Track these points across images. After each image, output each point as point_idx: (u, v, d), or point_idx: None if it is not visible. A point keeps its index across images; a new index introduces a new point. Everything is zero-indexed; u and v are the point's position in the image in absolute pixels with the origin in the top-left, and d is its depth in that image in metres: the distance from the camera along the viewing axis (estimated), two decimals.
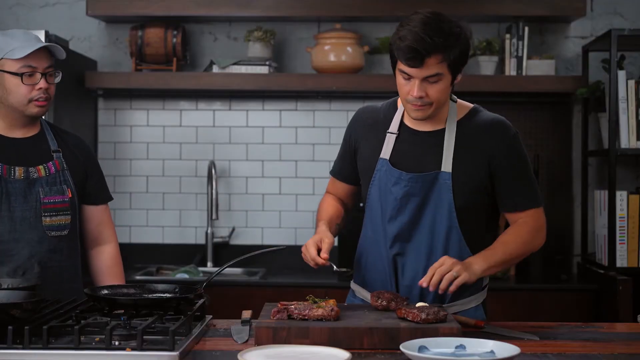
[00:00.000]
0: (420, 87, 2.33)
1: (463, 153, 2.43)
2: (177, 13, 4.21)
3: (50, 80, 2.58)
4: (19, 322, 1.97)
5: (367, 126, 2.56)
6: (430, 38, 2.29)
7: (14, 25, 4.39)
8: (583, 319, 3.61)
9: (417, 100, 2.35)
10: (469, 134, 2.46)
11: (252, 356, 1.83)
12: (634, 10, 4.36)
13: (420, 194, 2.43)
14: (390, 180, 2.45)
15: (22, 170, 2.57)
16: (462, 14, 4.16)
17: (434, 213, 2.43)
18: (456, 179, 2.42)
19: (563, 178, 4.36)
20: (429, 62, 2.30)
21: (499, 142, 2.45)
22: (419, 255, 2.46)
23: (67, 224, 2.62)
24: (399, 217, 2.45)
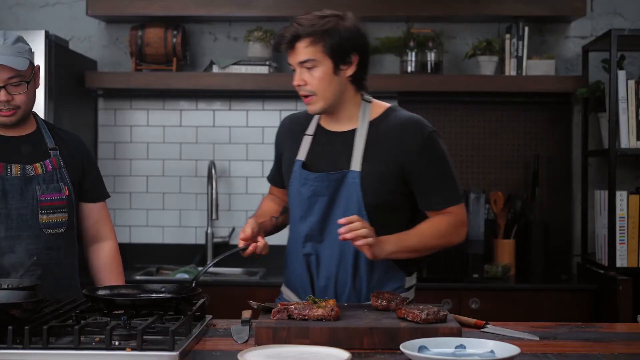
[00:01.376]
0: (299, 74, 2.44)
1: (374, 152, 2.45)
2: (177, 13, 4.21)
3: (14, 91, 2.54)
4: (19, 322, 1.97)
5: (290, 132, 2.63)
6: (298, 23, 2.40)
7: (14, 26, 4.39)
8: (583, 319, 3.61)
9: (300, 89, 2.45)
10: (381, 134, 2.47)
11: (252, 356, 1.83)
12: (634, 10, 4.36)
13: (327, 193, 2.46)
14: (300, 181, 2.50)
15: (18, 167, 2.58)
16: (462, 14, 4.17)
17: (343, 212, 2.43)
18: (365, 178, 2.43)
19: (563, 178, 4.36)
20: (299, 46, 2.41)
21: (412, 142, 2.45)
22: (332, 255, 2.48)
23: (64, 222, 2.62)
24: (309, 217, 2.48)
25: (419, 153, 2.45)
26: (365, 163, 2.45)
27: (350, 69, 2.45)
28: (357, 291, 2.50)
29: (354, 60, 2.44)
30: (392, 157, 2.45)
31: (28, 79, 2.57)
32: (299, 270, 2.53)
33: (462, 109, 4.40)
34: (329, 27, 2.39)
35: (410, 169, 2.45)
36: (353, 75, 2.46)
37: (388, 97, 4.38)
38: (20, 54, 2.54)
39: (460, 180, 4.37)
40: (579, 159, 4.32)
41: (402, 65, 4.26)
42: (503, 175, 4.39)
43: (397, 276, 2.53)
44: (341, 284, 2.49)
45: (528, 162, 4.36)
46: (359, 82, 2.50)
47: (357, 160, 2.45)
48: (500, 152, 4.39)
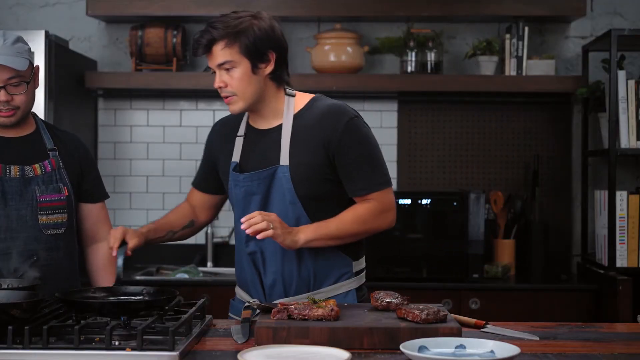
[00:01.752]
0: (219, 77, 2.45)
1: (299, 144, 2.47)
2: (177, 13, 4.21)
3: (14, 91, 2.55)
4: (19, 322, 1.97)
5: (222, 136, 2.64)
6: (213, 27, 2.42)
7: (14, 26, 4.39)
8: (583, 319, 3.61)
9: (221, 90, 2.46)
10: (305, 125, 2.49)
11: (252, 356, 1.83)
12: (634, 10, 4.36)
13: (260, 191, 2.49)
14: (233, 182, 2.54)
15: (17, 168, 2.58)
16: (462, 14, 4.17)
17: (279, 207, 2.46)
18: (294, 170, 2.45)
19: (563, 178, 4.37)
20: (215, 49, 2.42)
21: (334, 128, 2.46)
22: (275, 250, 2.49)
23: (63, 222, 2.63)
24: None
25: (340, 139, 2.45)
26: (293, 156, 2.47)
27: (269, 67, 2.47)
28: (304, 281, 2.50)
29: (272, 57, 2.47)
30: (317, 146, 2.46)
31: (28, 79, 2.57)
32: (247, 269, 2.55)
33: (462, 109, 4.40)
34: (242, 27, 2.42)
35: (334, 156, 2.47)
36: (272, 73, 2.49)
37: (388, 97, 4.39)
38: (20, 54, 2.54)
39: (461, 180, 4.37)
40: (579, 159, 4.32)
41: (402, 65, 4.26)
42: (503, 175, 4.39)
43: (343, 262, 2.54)
44: (288, 276, 2.50)
45: (528, 162, 4.36)
46: (279, 78, 2.52)
47: (285, 155, 2.47)
48: (500, 152, 4.39)
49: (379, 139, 4.57)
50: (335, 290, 2.53)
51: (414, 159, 4.40)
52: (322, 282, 2.52)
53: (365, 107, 4.39)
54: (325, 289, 2.52)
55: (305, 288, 2.51)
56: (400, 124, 4.41)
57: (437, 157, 4.39)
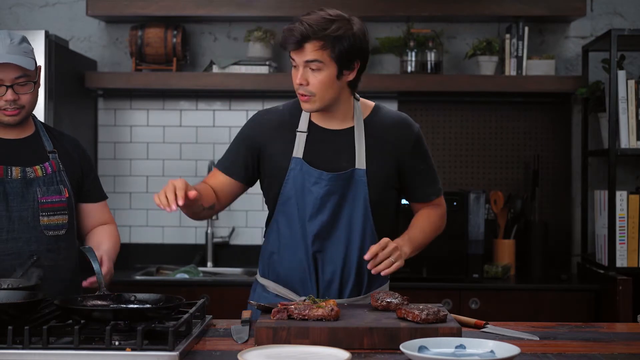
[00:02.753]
0: (303, 74, 2.43)
1: (373, 150, 2.52)
2: (177, 13, 4.21)
3: (21, 90, 2.56)
4: (18, 322, 1.97)
5: (273, 128, 2.58)
6: (309, 24, 2.38)
7: (14, 26, 4.39)
8: (583, 319, 3.61)
9: (299, 87, 2.44)
10: (376, 132, 2.54)
11: (252, 356, 1.83)
12: (634, 10, 4.36)
13: (339, 192, 2.49)
14: (308, 179, 2.50)
15: (19, 170, 2.58)
16: (462, 13, 4.17)
17: (351, 209, 2.51)
18: (370, 175, 2.50)
19: (563, 178, 4.36)
20: (307, 47, 2.39)
21: (406, 139, 2.56)
22: (338, 251, 2.52)
23: (64, 224, 2.63)
24: (319, 216, 2.50)
25: (412, 149, 2.56)
26: (369, 161, 2.50)
27: (351, 75, 2.48)
28: (359, 285, 2.56)
29: (356, 66, 2.47)
30: (390, 154, 2.53)
31: (34, 79, 2.60)
32: (301, 266, 2.54)
33: (462, 109, 4.40)
34: (340, 33, 2.39)
35: (405, 165, 2.56)
36: (352, 80, 2.50)
37: (388, 97, 4.39)
38: (26, 54, 2.57)
39: (461, 180, 4.38)
40: (579, 159, 4.32)
41: (402, 65, 4.26)
42: (503, 175, 4.39)
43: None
44: (346, 277, 2.54)
45: (528, 162, 4.36)
46: (355, 85, 2.54)
47: (362, 158, 2.50)
48: (500, 152, 4.39)
49: None
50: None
51: None
52: (371, 286, 2.57)
53: None
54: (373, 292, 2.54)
55: (357, 290, 2.55)
56: None
57: (437, 157, 4.39)
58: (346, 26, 2.42)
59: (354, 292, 2.55)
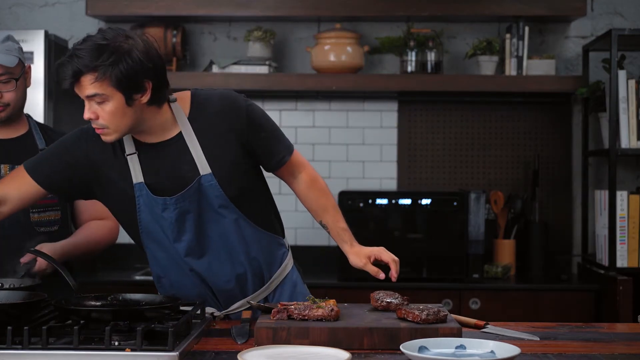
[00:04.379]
0: (90, 108, 2.24)
1: (210, 146, 2.35)
2: (177, 13, 4.21)
3: (3, 88, 2.58)
4: (18, 323, 1.96)
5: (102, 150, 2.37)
6: (78, 56, 2.20)
7: (13, 25, 4.39)
8: (583, 319, 3.61)
9: (93, 122, 2.25)
10: (205, 124, 2.35)
11: (252, 356, 1.83)
12: (634, 10, 4.36)
13: (193, 206, 2.34)
14: (157, 207, 2.32)
15: (7, 167, 2.61)
16: (462, 13, 4.17)
17: (213, 217, 2.36)
18: (218, 174, 2.33)
19: (563, 178, 4.36)
20: (83, 81, 2.21)
21: (237, 118, 2.37)
22: (221, 259, 2.39)
23: (56, 220, 2.64)
24: (184, 237, 2.35)
25: (248, 124, 2.37)
26: (211, 161, 2.34)
27: (145, 96, 2.24)
28: (258, 276, 2.44)
29: (148, 86, 2.25)
30: (229, 140, 2.36)
31: (17, 76, 2.61)
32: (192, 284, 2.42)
33: (462, 109, 4.40)
34: (113, 60, 2.17)
35: (248, 143, 2.38)
36: (150, 100, 2.27)
37: (388, 97, 4.39)
38: (9, 52, 2.58)
39: (461, 180, 4.37)
40: (579, 159, 4.32)
41: (402, 65, 4.25)
42: (503, 175, 4.39)
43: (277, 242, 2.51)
44: (242, 278, 2.42)
45: (528, 162, 4.36)
46: (159, 100, 2.31)
47: (203, 163, 2.32)
48: (500, 152, 4.39)
49: (379, 139, 4.59)
50: (284, 272, 2.50)
51: (414, 159, 4.40)
52: (272, 269, 2.46)
53: (365, 107, 4.39)
54: (276, 274, 2.47)
55: (260, 283, 2.44)
56: (400, 124, 4.40)
57: (437, 157, 4.39)
58: (120, 50, 2.18)
59: (258, 285, 2.44)
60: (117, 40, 2.21)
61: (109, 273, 4.12)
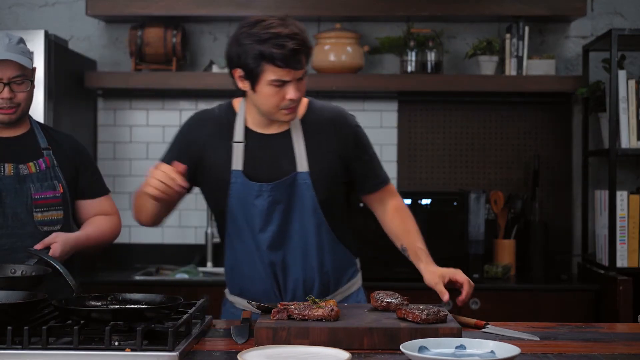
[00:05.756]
0: (296, 87, 2.36)
1: (314, 149, 2.46)
2: (177, 13, 4.21)
3: (17, 89, 2.60)
4: (18, 322, 1.96)
5: (212, 134, 2.50)
6: (300, 36, 2.36)
7: (13, 26, 4.39)
8: (583, 319, 3.61)
9: (293, 102, 2.36)
10: (314, 129, 2.49)
11: (252, 356, 1.83)
12: (634, 10, 4.36)
13: (284, 199, 2.43)
14: (250, 193, 2.43)
15: (11, 166, 2.61)
16: (462, 13, 4.17)
17: (300, 214, 2.46)
18: (314, 176, 2.44)
19: (563, 178, 4.36)
20: (302, 61, 2.37)
21: (345, 133, 2.52)
22: (295, 257, 2.48)
23: (59, 219, 2.65)
24: (269, 227, 2.45)
25: (354, 143, 2.53)
26: (310, 161, 2.45)
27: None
28: (324, 285, 2.52)
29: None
30: (332, 150, 2.48)
31: (30, 78, 2.63)
32: (261, 278, 2.49)
33: (462, 109, 4.40)
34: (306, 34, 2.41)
35: (348, 159, 2.52)
36: None
37: (388, 97, 4.39)
38: (24, 54, 2.61)
39: (461, 180, 4.38)
40: (579, 159, 4.32)
41: (402, 65, 4.25)
42: (503, 175, 4.39)
43: (350, 260, 2.61)
44: (309, 283, 2.50)
45: (528, 162, 4.36)
46: None
47: (303, 161, 2.45)
48: (500, 152, 4.39)
49: (379, 139, 4.59)
50: (349, 290, 2.58)
51: (414, 159, 4.40)
52: (339, 284, 2.55)
53: (365, 107, 4.39)
54: (342, 289, 2.56)
55: (324, 292, 2.52)
56: (400, 124, 4.40)
57: (437, 157, 4.39)
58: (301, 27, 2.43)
59: (321, 294, 2.51)
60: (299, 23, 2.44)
61: (109, 273, 4.13)
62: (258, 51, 2.33)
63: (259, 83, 2.35)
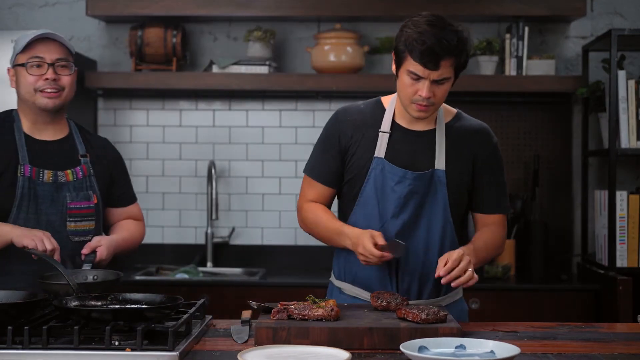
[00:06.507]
0: (430, 88, 2.40)
1: (452, 153, 2.53)
2: (177, 13, 4.21)
3: (61, 72, 2.62)
4: (18, 322, 1.97)
5: (356, 126, 2.57)
6: (448, 42, 2.38)
7: (13, 26, 4.39)
8: (583, 319, 3.61)
9: (424, 100, 2.41)
10: (456, 136, 2.55)
11: (252, 356, 1.83)
12: (634, 10, 4.36)
13: (421, 191, 2.49)
14: (391, 178, 2.49)
15: (50, 173, 2.60)
16: (462, 14, 4.17)
17: (431, 210, 2.51)
18: (448, 176, 2.51)
19: (563, 178, 4.36)
20: (443, 64, 2.38)
21: (484, 147, 2.58)
22: (417, 253, 2.51)
23: (91, 230, 2.65)
24: (401, 216, 2.49)
25: (487, 158, 2.58)
26: (448, 162, 2.51)
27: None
28: (437, 286, 2.52)
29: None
30: (467, 158, 2.54)
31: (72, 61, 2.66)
32: (381, 268, 2.51)
33: (462, 109, 4.37)
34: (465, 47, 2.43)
35: (478, 172, 2.56)
36: None
37: None
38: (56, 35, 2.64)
39: None
40: (579, 159, 4.32)
41: None
42: None
43: None
44: (424, 279, 2.52)
45: (528, 162, 4.36)
46: None
47: (442, 160, 2.51)
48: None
49: None
50: (456, 295, 2.60)
51: None
52: (449, 287, 2.50)
53: None
54: (451, 293, 2.56)
55: (436, 292, 2.53)
56: None
57: None
58: (468, 38, 2.46)
59: (433, 293, 2.53)
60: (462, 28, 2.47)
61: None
62: (407, 39, 2.42)
63: (401, 69, 2.44)
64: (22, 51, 2.61)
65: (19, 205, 2.56)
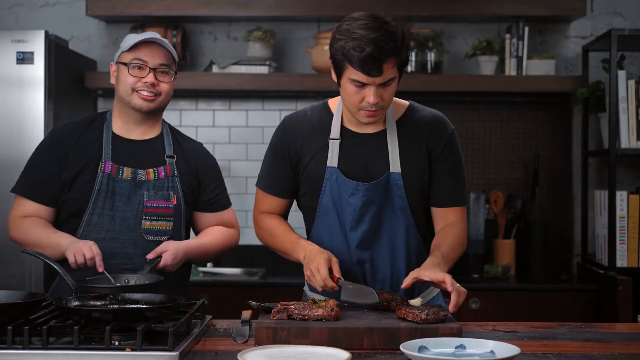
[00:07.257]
0: (377, 93, 2.31)
1: (407, 151, 2.45)
2: (177, 13, 4.21)
3: (161, 78, 2.62)
4: (18, 322, 1.97)
5: (305, 134, 2.49)
6: (387, 43, 2.26)
7: (13, 26, 4.39)
8: (583, 319, 3.61)
9: (373, 105, 2.32)
10: (409, 132, 2.47)
11: (252, 356, 1.83)
12: (634, 10, 4.36)
13: (377, 199, 2.43)
14: (345, 190, 2.43)
15: (130, 171, 2.60)
16: (462, 14, 4.18)
17: (391, 215, 2.45)
18: (405, 178, 2.43)
19: (563, 178, 4.36)
20: (386, 67, 2.28)
21: (438, 137, 2.47)
22: (384, 257, 2.48)
23: (167, 230, 2.62)
24: (360, 227, 2.45)
25: (442, 149, 2.47)
26: (403, 163, 2.44)
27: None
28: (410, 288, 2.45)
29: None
30: (422, 153, 2.46)
31: (175, 71, 2.65)
32: (350, 277, 2.46)
33: (462, 109, 4.40)
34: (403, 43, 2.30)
35: (433, 164, 2.47)
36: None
37: None
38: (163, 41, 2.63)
39: None
40: (579, 159, 4.32)
41: None
42: (503, 175, 4.39)
43: None
44: (395, 283, 2.49)
45: (528, 162, 4.36)
46: None
47: (396, 162, 2.44)
48: (500, 152, 4.39)
49: None
50: (432, 293, 2.57)
51: None
52: (423, 286, 2.50)
53: None
54: (426, 292, 2.54)
55: (410, 293, 2.49)
56: None
57: None
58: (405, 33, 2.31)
59: (407, 296, 2.47)
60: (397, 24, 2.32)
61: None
62: (342, 48, 2.29)
63: (342, 78, 2.35)
64: (127, 50, 2.61)
65: (95, 200, 2.56)
